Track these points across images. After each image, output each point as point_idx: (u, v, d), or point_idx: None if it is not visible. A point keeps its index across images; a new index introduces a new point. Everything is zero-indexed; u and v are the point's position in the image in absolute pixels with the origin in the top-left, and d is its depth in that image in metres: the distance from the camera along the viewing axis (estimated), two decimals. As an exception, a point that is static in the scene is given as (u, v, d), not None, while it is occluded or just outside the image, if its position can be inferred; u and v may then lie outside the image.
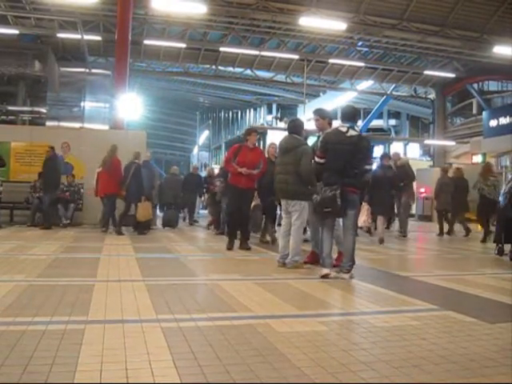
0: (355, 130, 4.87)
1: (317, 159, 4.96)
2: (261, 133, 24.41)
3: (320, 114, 5.56)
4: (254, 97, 36.01)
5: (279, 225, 7.28)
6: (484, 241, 9.26)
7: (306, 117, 26.47)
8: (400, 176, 9.74)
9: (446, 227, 10.97)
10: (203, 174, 15.96)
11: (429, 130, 26.10)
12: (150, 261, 5.92)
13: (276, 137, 6.32)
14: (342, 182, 4.69)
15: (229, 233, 7.44)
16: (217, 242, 8.31)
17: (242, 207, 7.09)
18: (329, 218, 4.86)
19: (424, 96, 26.82)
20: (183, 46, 20.23)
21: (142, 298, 3.66)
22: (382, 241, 8.71)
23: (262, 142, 27.99)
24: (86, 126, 18.61)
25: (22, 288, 3.86)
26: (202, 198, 13.85)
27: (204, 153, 48.19)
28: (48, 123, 18.63)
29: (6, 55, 18.25)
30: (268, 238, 8.29)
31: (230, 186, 7.40)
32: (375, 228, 9.89)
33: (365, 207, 8.63)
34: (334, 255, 5.22)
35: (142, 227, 9.66)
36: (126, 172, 9.54)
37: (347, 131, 4.80)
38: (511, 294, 4.14)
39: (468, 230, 10.60)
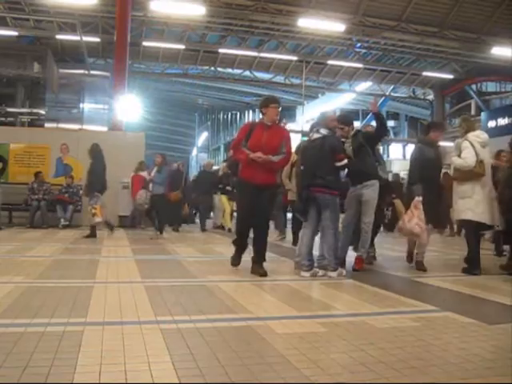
0: (320, 133, 5.00)
1: (301, 167, 5.21)
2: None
3: (344, 122, 5.40)
4: (253, 98, 36.03)
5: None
6: None
7: (305, 118, 26.60)
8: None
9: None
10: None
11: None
12: (148, 262, 5.92)
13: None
14: (310, 183, 4.88)
15: (235, 243, 5.24)
16: (216, 244, 8.31)
17: (259, 213, 4.96)
18: (308, 221, 5.05)
19: (423, 97, 26.86)
20: (182, 47, 20.27)
21: (140, 299, 3.65)
22: (420, 265, 5.53)
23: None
24: (85, 127, 18.62)
25: (20, 289, 3.86)
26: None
27: (203, 154, 48.10)
28: (47, 125, 18.62)
29: (5, 57, 18.28)
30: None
31: (240, 183, 5.22)
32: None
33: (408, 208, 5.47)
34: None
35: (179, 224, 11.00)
36: (181, 179, 10.80)
37: (312, 135, 5.08)
38: (510, 295, 4.14)
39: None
